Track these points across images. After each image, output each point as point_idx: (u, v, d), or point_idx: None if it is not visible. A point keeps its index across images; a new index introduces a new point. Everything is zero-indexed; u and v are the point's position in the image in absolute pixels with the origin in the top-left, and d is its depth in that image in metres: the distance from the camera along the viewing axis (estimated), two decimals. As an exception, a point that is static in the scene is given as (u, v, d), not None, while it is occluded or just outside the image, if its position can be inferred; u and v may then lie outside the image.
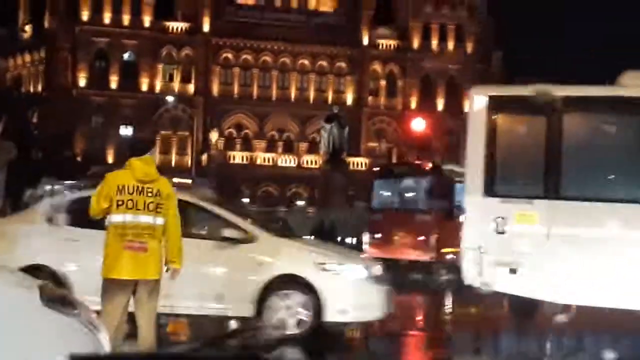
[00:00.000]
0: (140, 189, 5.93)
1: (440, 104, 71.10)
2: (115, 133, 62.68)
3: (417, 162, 30.42)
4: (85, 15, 65.85)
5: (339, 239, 27.50)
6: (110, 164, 53.29)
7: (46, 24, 67.10)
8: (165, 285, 6.26)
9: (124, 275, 5.85)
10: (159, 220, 5.95)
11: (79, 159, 60.67)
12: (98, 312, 5.37)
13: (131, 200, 5.90)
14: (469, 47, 71.26)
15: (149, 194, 5.94)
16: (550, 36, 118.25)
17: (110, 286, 5.90)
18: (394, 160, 69.43)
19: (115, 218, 5.92)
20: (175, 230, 6.05)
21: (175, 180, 33.60)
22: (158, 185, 6.01)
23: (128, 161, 6.07)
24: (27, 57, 69.88)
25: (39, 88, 68.43)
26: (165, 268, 6.08)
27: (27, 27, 70.29)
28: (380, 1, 71.27)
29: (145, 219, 5.91)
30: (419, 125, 43.04)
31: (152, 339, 5.96)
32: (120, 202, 5.90)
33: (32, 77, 69.59)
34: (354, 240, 25.31)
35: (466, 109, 12.02)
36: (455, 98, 71.16)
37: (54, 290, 3.29)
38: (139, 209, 5.90)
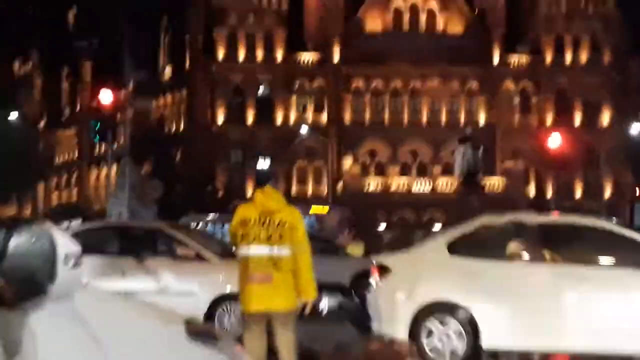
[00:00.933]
0: (262, 220, 5.96)
1: (577, 119, 68.98)
2: (254, 166, 64.43)
3: None
4: (221, 54, 68.31)
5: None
6: (250, 197, 54.75)
7: (185, 65, 70.04)
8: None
9: (252, 308, 5.93)
10: (284, 251, 5.93)
11: (220, 193, 62.76)
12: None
13: (253, 232, 5.96)
14: (605, 59, 68.93)
15: (271, 225, 5.96)
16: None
17: (245, 319, 6.10)
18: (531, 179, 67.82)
19: (241, 251, 6.03)
20: (304, 260, 5.98)
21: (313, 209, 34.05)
22: (281, 216, 5.99)
23: (253, 193, 6.26)
24: (169, 98, 73.09)
25: (181, 127, 71.35)
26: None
27: (168, 69, 73.60)
28: (511, 18, 70.19)
29: (268, 250, 5.92)
30: (555, 141, 41.96)
31: None
32: (243, 235, 5.99)
33: (174, 117, 72.68)
34: None
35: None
36: (592, 112, 68.94)
37: (199, 324, 3.60)
38: (261, 241, 5.93)
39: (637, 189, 51.67)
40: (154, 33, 73.63)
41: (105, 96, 27.20)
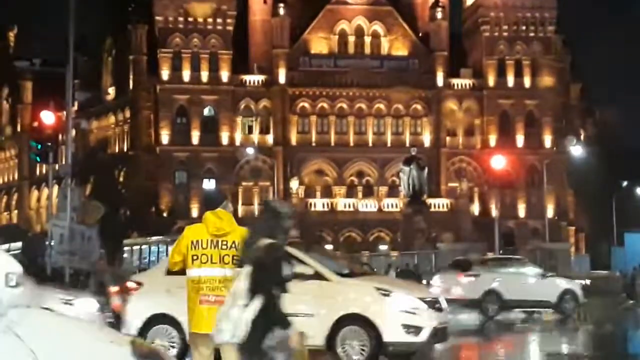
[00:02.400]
0: (214, 242, 5.94)
1: (520, 141, 70.26)
2: (199, 187, 64.05)
3: None
4: (165, 75, 67.95)
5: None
6: (195, 218, 54.34)
7: (129, 85, 69.47)
8: None
9: (202, 329, 5.89)
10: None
11: (165, 214, 62.19)
12: None
13: (205, 254, 5.93)
14: (546, 81, 70.44)
15: (224, 247, 5.94)
16: (630, 67, 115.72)
17: (193, 339, 6.04)
18: (475, 200, 68.76)
19: (191, 272, 5.97)
20: None
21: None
22: (233, 237, 5.97)
23: (204, 215, 6.14)
24: (112, 119, 72.36)
25: (125, 148, 70.64)
26: None
27: (111, 90, 72.92)
28: (453, 41, 71.35)
29: (220, 272, 5.91)
30: (498, 163, 42.59)
31: None
32: (195, 257, 5.94)
33: (117, 137, 71.97)
34: None
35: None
36: (535, 133, 70.29)
37: (145, 345, 3.50)
38: (213, 263, 5.91)
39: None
40: (97, 53, 72.96)
41: (47, 116, 26.71)
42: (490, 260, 26.80)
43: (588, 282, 35.41)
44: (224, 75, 68.42)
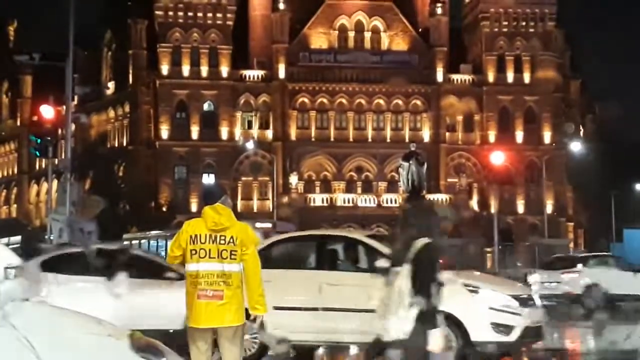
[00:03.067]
0: (213, 237, 5.93)
1: (519, 136, 70.24)
2: (198, 182, 64.02)
3: None
4: (165, 69, 67.87)
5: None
6: (195, 213, 54.34)
7: (129, 80, 69.40)
8: None
9: (200, 324, 5.88)
10: (234, 267, 5.93)
11: (164, 209, 62.19)
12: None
13: (203, 249, 5.91)
14: (546, 77, 70.36)
15: (222, 242, 5.93)
16: (631, 63, 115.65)
17: (191, 333, 6.01)
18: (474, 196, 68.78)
19: (189, 267, 5.95)
20: (254, 276, 6.02)
21: (258, 225, 34.05)
22: (232, 232, 5.98)
23: (203, 210, 6.12)
24: (112, 113, 72.28)
25: (124, 142, 70.59)
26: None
27: (110, 84, 72.82)
28: (453, 37, 71.29)
29: (218, 267, 5.89)
30: (498, 158, 42.58)
31: None
32: (193, 252, 5.92)
33: (117, 132, 71.90)
34: None
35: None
36: (534, 129, 70.28)
37: (144, 339, 3.53)
38: (212, 257, 5.89)
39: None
40: (97, 48, 72.84)
41: (46, 111, 26.71)
42: (586, 257, 28.33)
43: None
44: (224, 70, 68.35)
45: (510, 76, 70.89)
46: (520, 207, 69.37)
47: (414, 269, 5.38)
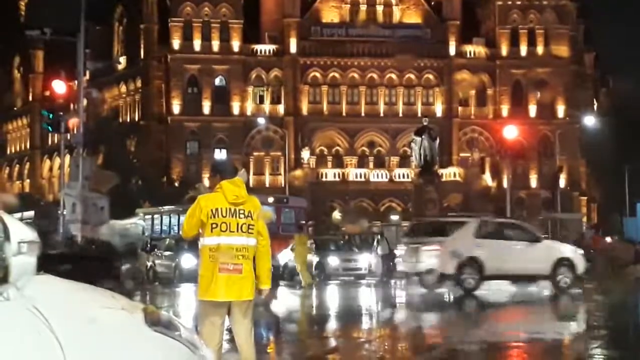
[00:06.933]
0: (232, 211, 5.96)
1: (532, 110, 69.84)
2: (210, 157, 64.07)
3: None
4: (176, 44, 67.72)
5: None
6: (207, 187, 54.38)
7: (140, 55, 69.30)
8: None
9: (219, 297, 5.90)
10: (252, 241, 5.98)
11: (176, 184, 62.32)
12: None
13: (224, 222, 5.94)
14: (560, 50, 69.82)
15: (241, 216, 5.97)
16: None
17: (205, 307, 6.02)
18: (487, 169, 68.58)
19: (210, 241, 5.96)
20: (266, 251, 6.09)
21: (270, 199, 34.06)
22: (249, 207, 6.03)
23: (219, 184, 6.12)
24: (123, 88, 72.30)
25: (136, 117, 70.65)
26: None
27: (122, 59, 72.72)
28: (466, 10, 70.72)
29: (239, 240, 5.94)
30: (510, 133, 42.30)
31: (253, 357, 6.08)
32: (214, 225, 5.94)
33: (128, 107, 71.96)
34: None
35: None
36: (548, 103, 69.83)
37: (158, 313, 3.51)
38: (232, 231, 5.93)
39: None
40: (108, 22, 72.68)
41: (58, 86, 26.71)
42: None
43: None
44: (235, 44, 68.14)
45: (523, 49, 70.34)
46: (534, 182, 69.16)
47: None
